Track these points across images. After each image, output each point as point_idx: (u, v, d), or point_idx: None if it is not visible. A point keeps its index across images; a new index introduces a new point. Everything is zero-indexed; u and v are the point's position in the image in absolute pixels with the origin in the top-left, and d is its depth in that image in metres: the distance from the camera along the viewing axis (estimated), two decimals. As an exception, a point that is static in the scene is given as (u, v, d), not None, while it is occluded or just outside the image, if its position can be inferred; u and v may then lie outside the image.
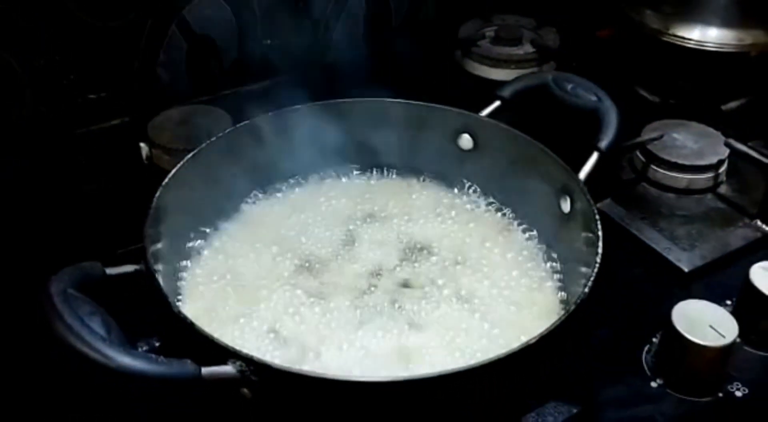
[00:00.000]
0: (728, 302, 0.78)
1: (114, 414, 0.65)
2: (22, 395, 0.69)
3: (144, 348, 0.65)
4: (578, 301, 0.60)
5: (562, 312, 0.69)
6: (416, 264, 0.75)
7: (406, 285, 0.73)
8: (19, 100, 0.92)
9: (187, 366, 0.52)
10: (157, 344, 0.65)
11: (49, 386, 0.68)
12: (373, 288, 0.72)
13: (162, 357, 0.52)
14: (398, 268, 0.75)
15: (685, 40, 1.05)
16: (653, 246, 0.86)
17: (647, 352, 0.75)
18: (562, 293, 0.72)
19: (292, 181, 0.83)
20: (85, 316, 0.53)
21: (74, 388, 0.65)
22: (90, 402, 0.65)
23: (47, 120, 0.95)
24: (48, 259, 0.64)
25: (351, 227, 0.79)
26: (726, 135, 0.96)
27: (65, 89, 0.95)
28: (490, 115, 0.81)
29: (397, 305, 0.70)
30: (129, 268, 0.62)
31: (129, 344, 0.54)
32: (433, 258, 0.76)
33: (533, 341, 0.56)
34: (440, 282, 0.73)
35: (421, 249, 0.77)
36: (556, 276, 0.74)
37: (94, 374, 0.51)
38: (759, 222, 0.89)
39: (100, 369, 0.50)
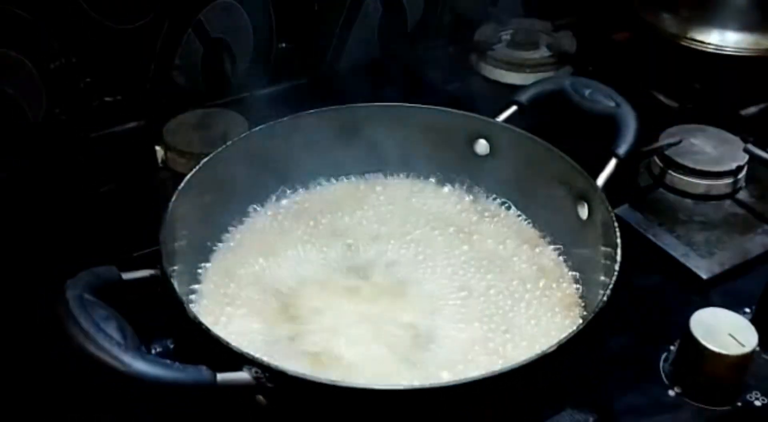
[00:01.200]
0: (747, 310, 0.77)
1: (125, 418, 0.65)
2: (30, 397, 0.69)
3: (158, 350, 0.65)
4: (597, 310, 0.59)
5: (580, 320, 0.69)
6: (428, 267, 0.75)
7: (421, 287, 0.73)
8: (34, 102, 0.92)
9: (203, 372, 0.52)
10: (171, 345, 0.65)
11: (60, 390, 0.68)
12: (393, 293, 0.72)
13: (177, 363, 0.52)
14: (411, 269, 0.74)
15: (704, 44, 1.04)
16: (671, 252, 0.85)
17: (665, 360, 0.74)
18: (580, 300, 0.72)
19: (309, 185, 0.83)
20: (100, 321, 0.53)
21: (86, 392, 0.65)
22: (101, 406, 0.65)
23: (63, 122, 0.95)
24: (64, 261, 0.64)
25: (364, 232, 0.79)
26: (745, 140, 0.95)
27: (81, 92, 0.96)
28: (507, 120, 0.80)
29: (413, 310, 0.70)
30: (145, 273, 0.61)
31: (144, 348, 0.54)
32: (446, 261, 0.75)
33: (551, 350, 0.56)
34: (455, 285, 0.73)
35: (431, 252, 0.76)
36: (574, 283, 0.73)
37: (109, 379, 0.51)
38: (778, 229, 0.88)
39: (115, 375, 0.50)
